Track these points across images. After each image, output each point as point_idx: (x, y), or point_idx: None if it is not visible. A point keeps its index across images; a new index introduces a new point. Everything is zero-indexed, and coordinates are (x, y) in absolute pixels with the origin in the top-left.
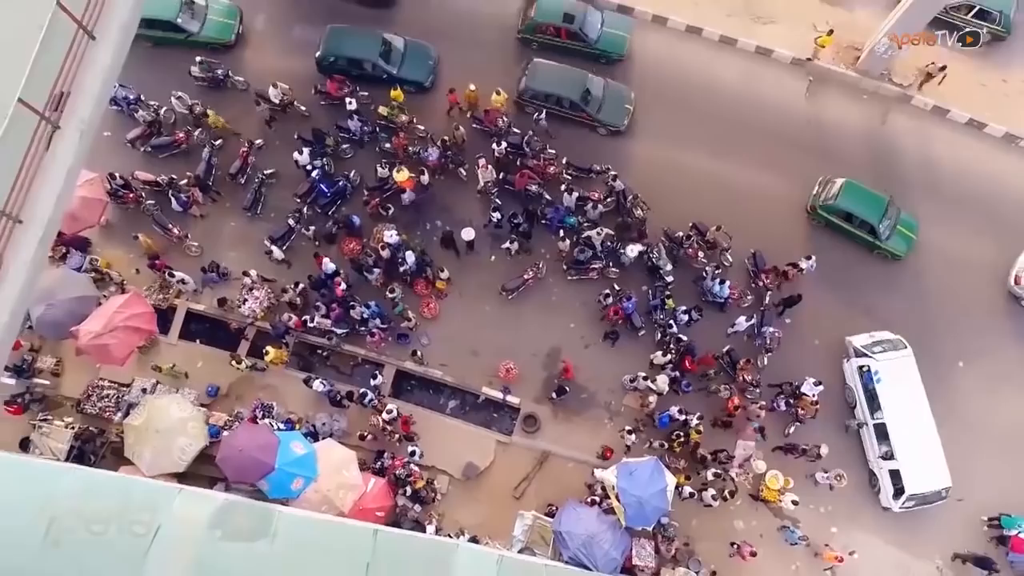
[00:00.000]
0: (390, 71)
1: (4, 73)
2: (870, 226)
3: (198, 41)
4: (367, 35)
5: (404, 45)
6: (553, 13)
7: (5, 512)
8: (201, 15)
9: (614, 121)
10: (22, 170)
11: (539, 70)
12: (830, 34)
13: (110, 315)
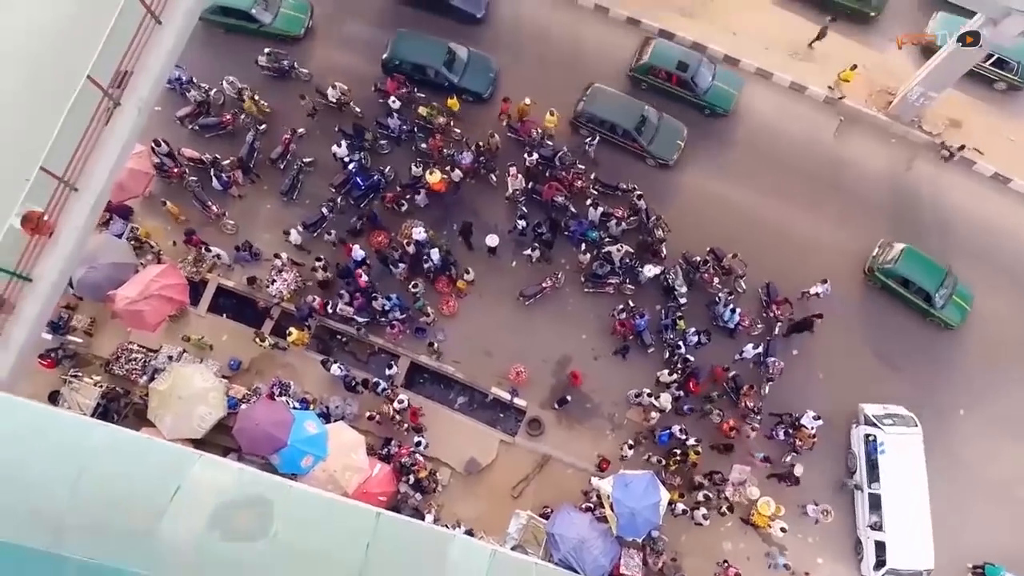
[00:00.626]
0: (452, 79)
1: (78, 52)
2: (926, 293)
3: (269, 32)
4: (433, 43)
5: (467, 55)
6: (668, 58)
7: (40, 458)
8: (274, 7)
9: (664, 155)
10: (83, 142)
11: (599, 95)
12: (853, 69)
13: (146, 283)
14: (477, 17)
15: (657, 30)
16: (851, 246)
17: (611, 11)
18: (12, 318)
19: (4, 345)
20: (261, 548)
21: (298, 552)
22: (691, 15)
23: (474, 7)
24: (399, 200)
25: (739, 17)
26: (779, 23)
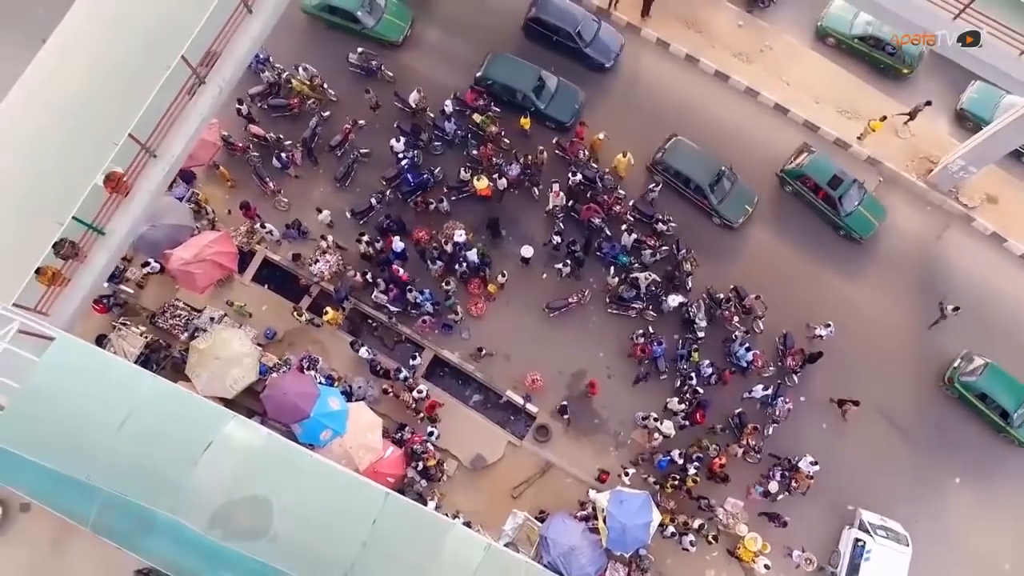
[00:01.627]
0: (538, 105)
1: (177, 34)
2: (1003, 410)
3: (369, 34)
4: (526, 68)
5: (556, 85)
6: (823, 172)
7: (94, 398)
8: (378, 12)
9: (731, 216)
10: (167, 114)
11: (680, 147)
12: (883, 120)
13: (201, 247)
14: (605, 67)
15: (771, 103)
16: (864, 300)
17: (701, 62)
18: (83, 266)
19: (73, 291)
20: (280, 508)
21: (311, 518)
22: (748, 60)
23: (604, 56)
24: (427, 203)
25: (793, 68)
26: (831, 77)
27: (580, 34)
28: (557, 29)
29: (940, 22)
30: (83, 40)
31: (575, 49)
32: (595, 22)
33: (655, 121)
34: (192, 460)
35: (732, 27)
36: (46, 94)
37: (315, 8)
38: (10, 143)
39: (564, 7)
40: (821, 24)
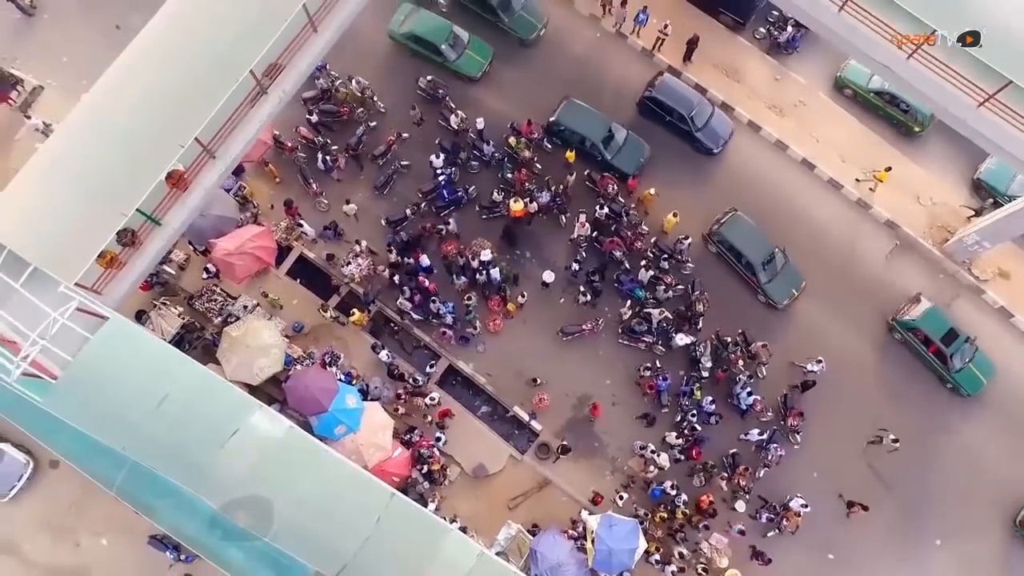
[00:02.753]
0: (605, 155)
1: (249, 49)
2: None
3: (449, 67)
4: (598, 118)
5: (625, 137)
6: (937, 327)
7: (137, 377)
8: (460, 47)
9: (777, 297)
10: (230, 120)
11: (737, 223)
12: (887, 170)
13: (243, 240)
14: (713, 152)
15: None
16: (862, 364)
17: (735, 111)
18: (138, 252)
19: (127, 273)
20: (293, 496)
21: (320, 508)
22: (781, 113)
23: (712, 142)
24: (436, 228)
25: (824, 125)
26: (860, 139)
27: (693, 119)
28: (671, 111)
29: (964, 107)
30: (163, 44)
31: (686, 131)
32: (709, 108)
33: (700, 175)
34: (219, 444)
35: (769, 80)
36: (124, 92)
37: (401, 36)
38: (88, 134)
39: (681, 91)
40: (840, 75)
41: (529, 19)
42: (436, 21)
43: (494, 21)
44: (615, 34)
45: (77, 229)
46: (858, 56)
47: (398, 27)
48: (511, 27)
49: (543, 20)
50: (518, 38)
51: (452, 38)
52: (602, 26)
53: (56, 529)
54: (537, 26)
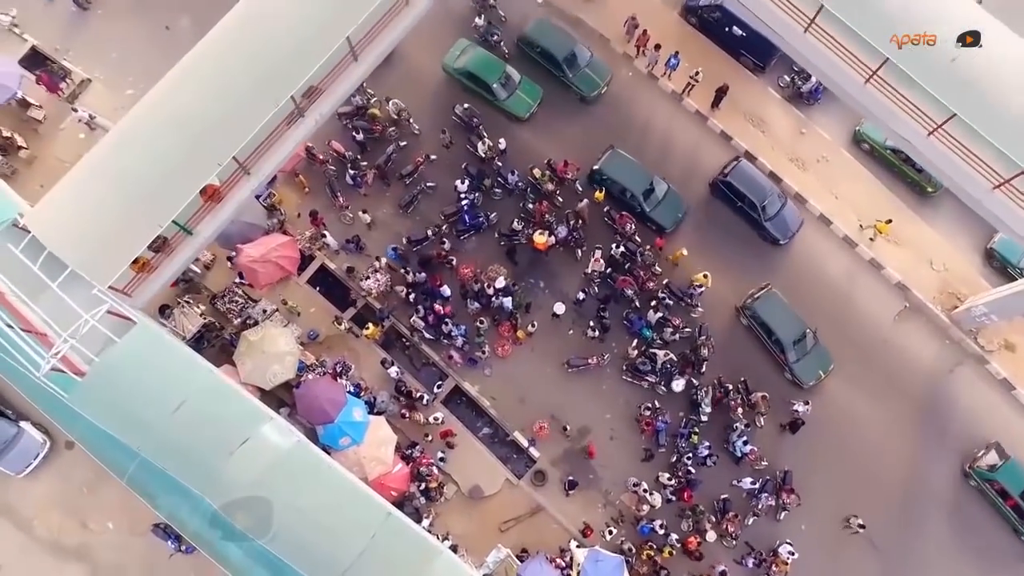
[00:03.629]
0: (644, 207)
1: (292, 75)
2: None
3: (496, 105)
4: (641, 170)
5: (665, 191)
6: (1018, 481)
7: (157, 381)
8: (512, 88)
9: (805, 377)
10: (267, 140)
11: (772, 301)
12: (888, 222)
13: (269, 248)
14: (779, 243)
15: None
16: (865, 418)
17: (758, 160)
18: (168, 259)
19: (156, 278)
20: (294, 506)
21: (319, 520)
22: (803, 167)
23: (780, 233)
24: (446, 257)
25: (844, 182)
26: (877, 197)
27: (765, 208)
28: (743, 197)
29: (980, 188)
30: (209, 64)
31: (755, 219)
32: (781, 199)
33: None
34: (229, 451)
35: (794, 132)
36: (169, 107)
37: (455, 71)
38: (131, 145)
39: (757, 180)
40: (859, 129)
41: (593, 77)
42: (490, 60)
43: (558, 75)
44: (647, 75)
45: (114, 236)
46: (880, 125)
47: (453, 61)
48: (574, 83)
49: (606, 78)
50: (579, 95)
51: (504, 77)
52: (635, 65)
53: (66, 508)
54: (600, 84)
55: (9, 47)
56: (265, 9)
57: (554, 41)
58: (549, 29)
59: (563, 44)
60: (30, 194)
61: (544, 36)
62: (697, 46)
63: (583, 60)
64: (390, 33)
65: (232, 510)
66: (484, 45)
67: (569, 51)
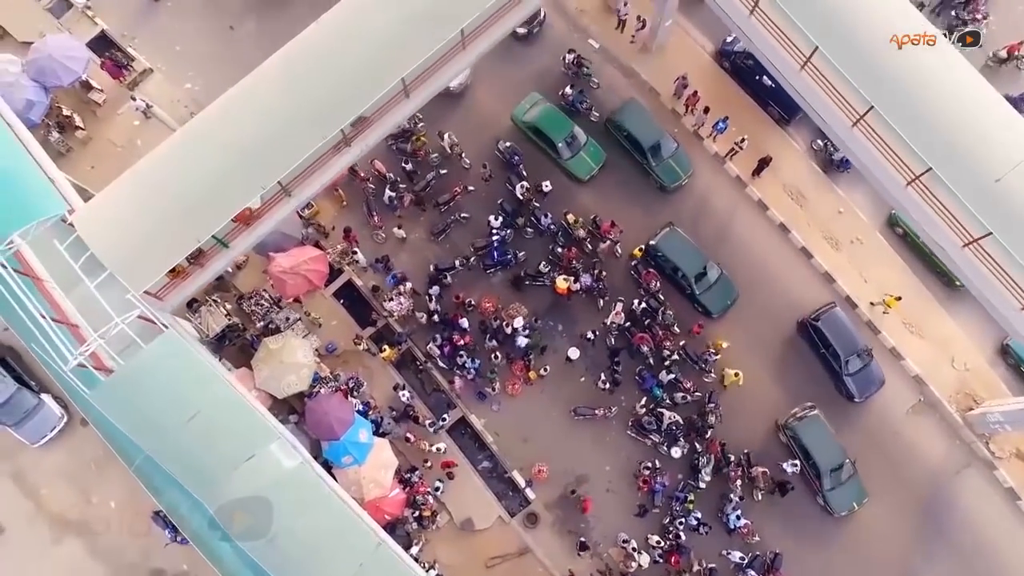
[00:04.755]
0: (694, 289)
1: (343, 111)
2: None
3: (559, 164)
4: (696, 253)
5: (717, 277)
6: None
7: (176, 390)
8: (576, 148)
9: (836, 506)
10: (311, 166)
11: (813, 427)
12: (898, 299)
13: (299, 260)
14: (854, 400)
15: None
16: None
17: (791, 234)
18: (202, 269)
19: (188, 284)
20: (287, 525)
21: (311, 541)
22: (836, 247)
23: (859, 391)
24: (467, 301)
25: (875, 267)
26: (904, 285)
27: (848, 363)
28: (830, 346)
29: (1010, 307)
30: (267, 88)
31: (836, 370)
32: (867, 357)
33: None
34: (234, 465)
35: (832, 210)
36: (223, 125)
37: (523, 123)
38: (182, 157)
39: (847, 331)
40: (894, 213)
41: (675, 169)
42: (559, 118)
43: (640, 160)
44: (692, 133)
45: (154, 245)
46: (915, 226)
47: (522, 114)
48: (656, 172)
49: (688, 172)
50: (659, 184)
51: (570, 136)
52: (682, 123)
53: (74, 482)
54: (681, 177)
55: (80, 29)
56: (327, 42)
57: (642, 127)
58: (639, 114)
59: (651, 132)
60: (81, 174)
61: (632, 121)
62: (726, 90)
63: (668, 151)
64: (443, 75)
65: (224, 513)
66: (568, 112)
67: (655, 140)
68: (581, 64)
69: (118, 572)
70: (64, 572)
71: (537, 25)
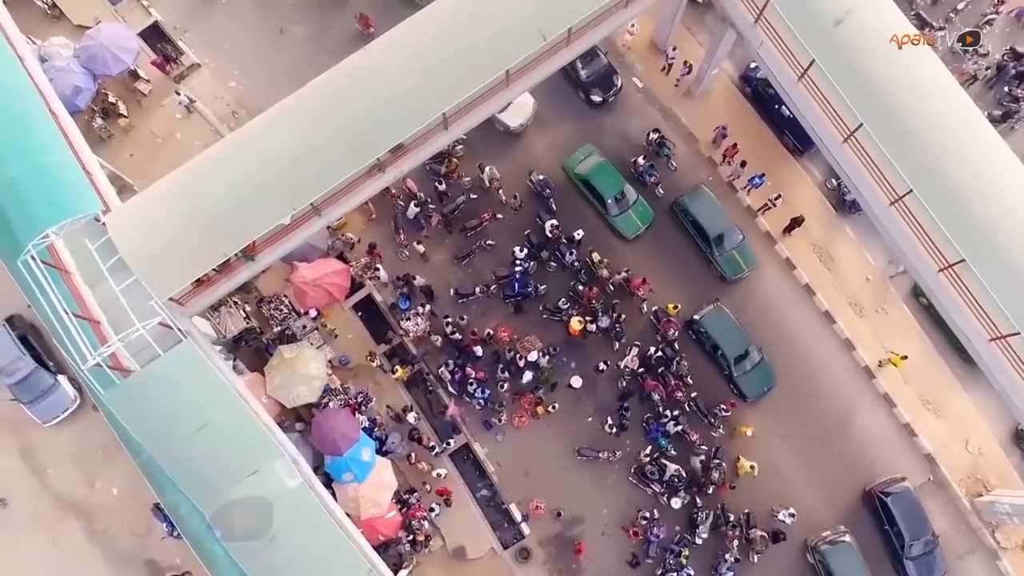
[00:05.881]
0: (732, 371)
1: (381, 141)
2: None
3: (606, 219)
4: (739, 334)
5: (757, 362)
6: None
7: (188, 400)
8: (625, 206)
9: None
10: (344, 189)
11: (845, 554)
12: (904, 358)
13: (322, 273)
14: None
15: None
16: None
17: (816, 296)
18: (227, 279)
19: (210, 293)
20: (281, 541)
21: (304, 561)
22: (860, 314)
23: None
24: (484, 336)
25: (897, 338)
26: (924, 358)
27: (912, 546)
28: (895, 524)
29: None
30: (309, 110)
31: (897, 547)
32: (932, 543)
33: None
34: (236, 479)
35: (860, 277)
36: (261, 143)
37: (574, 175)
38: (218, 171)
39: (917, 514)
40: None
41: (739, 261)
42: (612, 173)
43: (704, 249)
44: (727, 184)
45: (182, 255)
46: (943, 313)
47: (574, 164)
48: (717, 261)
49: (752, 266)
50: (719, 273)
51: (620, 194)
52: (718, 172)
53: (81, 465)
54: (743, 271)
55: (134, 18)
56: (372, 70)
57: (709, 216)
58: (707, 203)
59: (717, 222)
60: (119, 161)
61: (700, 208)
62: (744, 117)
63: (732, 242)
64: (483, 111)
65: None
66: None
67: (721, 231)
68: (663, 144)
69: (113, 558)
70: (60, 551)
71: (613, 94)
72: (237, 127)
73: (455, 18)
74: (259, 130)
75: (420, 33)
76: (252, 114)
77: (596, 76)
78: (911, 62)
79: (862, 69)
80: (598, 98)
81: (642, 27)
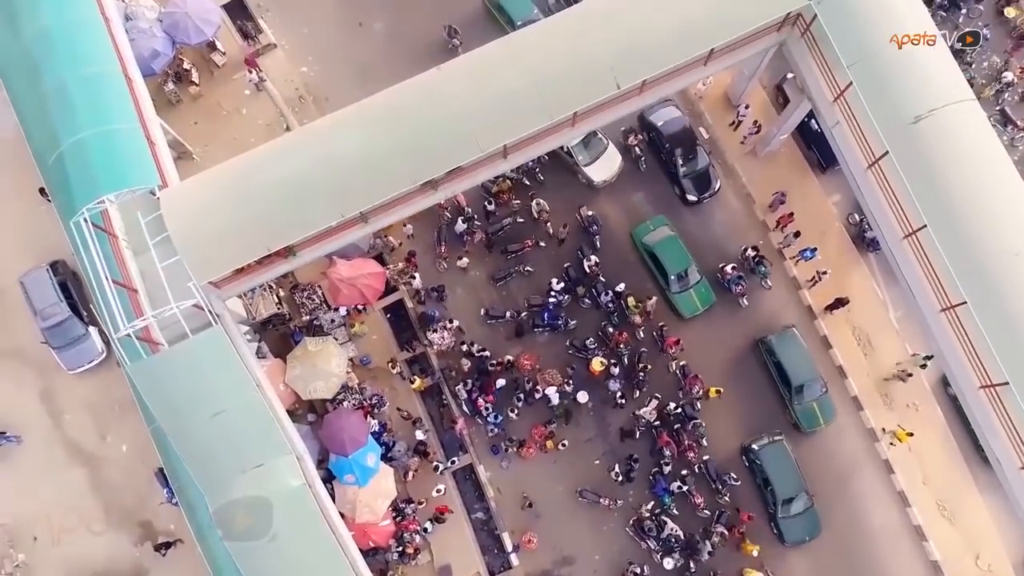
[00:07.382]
0: (777, 512)
1: (441, 162)
2: None
3: (666, 293)
4: (795, 475)
5: (805, 508)
6: None
7: (208, 384)
8: (686, 285)
9: None
10: (394, 201)
11: None
12: (910, 435)
13: (359, 273)
14: None
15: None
16: None
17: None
18: (266, 270)
19: (248, 281)
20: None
21: (295, 561)
22: (890, 405)
23: None
24: (503, 364)
25: (921, 432)
26: (946, 456)
27: None
28: None
29: None
30: (377, 119)
31: None
32: None
33: None
34: (242, 469)
35: (892, 364)
36: (324, 143)
37: (642, 244)
38: (276, 165)
39: None
40: None
41: (817, 414)
42: (679, 250)
43: (784, 398)
44: (776, 251)
45: (227, 243)
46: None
47: (644, 233)
48: (794, 410)
49: (830, 420)
50: (794, 421)
51: (685, 272)
52: (769, 237)
53: (96, 416)
54: (820, 424)
55: None
56: (444, 90)
57: (795, 362)
58: (795, 347)
59: (803, 371)
60: (184, 128)
61: (786, 352)
62: (806, 186)
63: (813, 393)
64: (543, 146)
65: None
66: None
67: (804, 381)
68: (761, 263)
69: (112, 512)
70: (63, 496)
71: (709, 195)
72: (302, 112)
73: (533, 52)
74: (322, 132)
75: (497, 62)
76: (318, 101)
77: (695, 174)
78: (988, 173)
79: (935, 170)
80: (693, 197)
81: (718, 78)
